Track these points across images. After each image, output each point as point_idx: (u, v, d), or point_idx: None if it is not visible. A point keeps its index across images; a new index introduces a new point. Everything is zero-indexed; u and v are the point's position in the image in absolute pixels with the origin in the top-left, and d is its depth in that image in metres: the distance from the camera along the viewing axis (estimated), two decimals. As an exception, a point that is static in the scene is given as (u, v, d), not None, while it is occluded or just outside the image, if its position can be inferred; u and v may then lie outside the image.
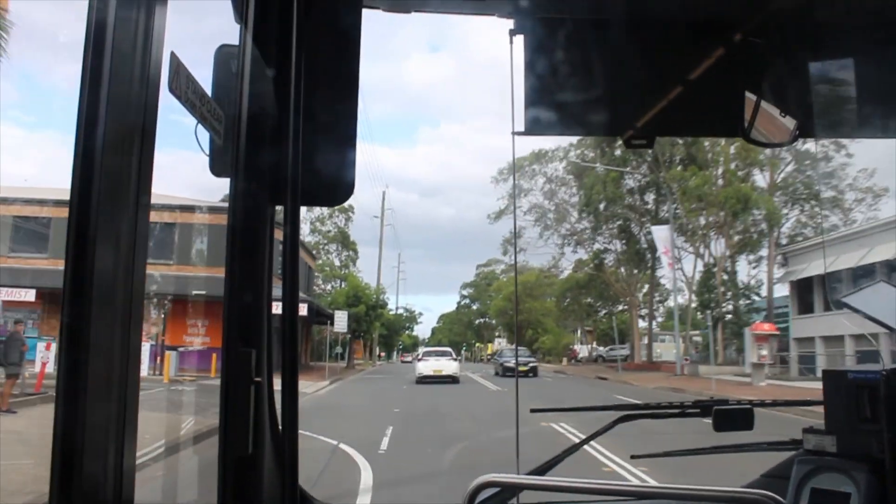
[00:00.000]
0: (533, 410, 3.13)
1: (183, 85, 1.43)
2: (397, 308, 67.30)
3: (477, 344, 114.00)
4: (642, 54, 2.26)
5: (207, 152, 1.89)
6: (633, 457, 2.75)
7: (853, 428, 1.86)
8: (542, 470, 2.34)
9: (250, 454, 1.70)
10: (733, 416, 2.46)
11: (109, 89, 1.14)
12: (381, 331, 67.95)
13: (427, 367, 35.49)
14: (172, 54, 1.36)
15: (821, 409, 2.00)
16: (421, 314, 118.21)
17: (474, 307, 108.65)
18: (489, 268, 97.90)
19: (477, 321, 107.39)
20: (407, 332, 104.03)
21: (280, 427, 1.78)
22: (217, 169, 1.95)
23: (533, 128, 2.18)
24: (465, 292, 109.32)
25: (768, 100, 2.17)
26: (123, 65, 1.17)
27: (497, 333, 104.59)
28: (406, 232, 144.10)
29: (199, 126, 1.63)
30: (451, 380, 34.19)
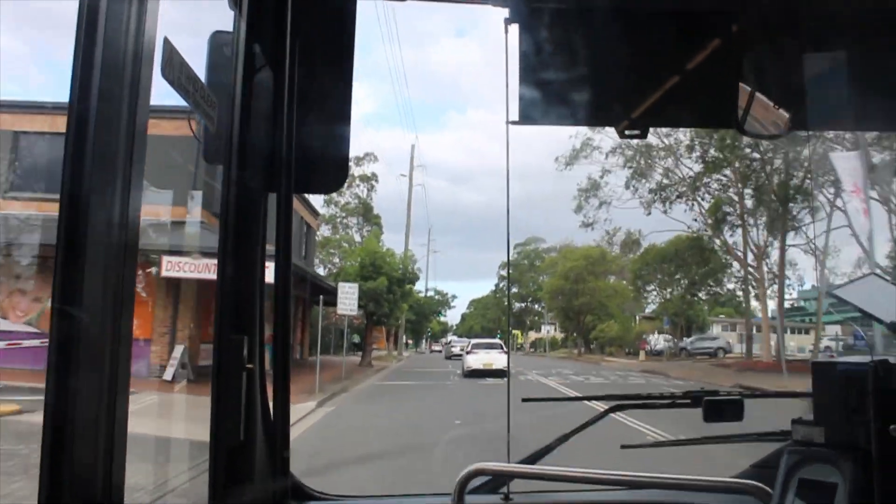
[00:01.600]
0: (524, 400, 3.14)
1: (176, 70, 1.42)
2: (427, 290, 56.82)
3: (514, 332, 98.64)
4: (637, 45, 2.26)
5: (201, 138, 1.89)
6: (623, 447, 2.76)
7: (841, 419, 1.87)
8: (532, 459, 2.35)
9: (242, 441, 1.70)
10: (723, 407, 2.47)
11: (101, 74, 1.13)
12: (408, 315, 56.25)
13: (477, 360, 32.21)
14: (165, 39, 1.35)
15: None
16: (455, 297, 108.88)
17: (513, 290, 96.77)
18: (529, 246, 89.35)
19: (517, 305, 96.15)
20: (439, 316, 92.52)
21: (272, 414, 1.79)
22: (210, 155, 1.95)
23: (527, 117, 2.18)
24: (504, 272, 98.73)
25: (762, 91, 2.18)
26: (115, 50, 1.16)
27: (544, 319, 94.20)
28: (434, 217, 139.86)
29: (193, 112, 1.63)
30: (501, 374, 30.45)
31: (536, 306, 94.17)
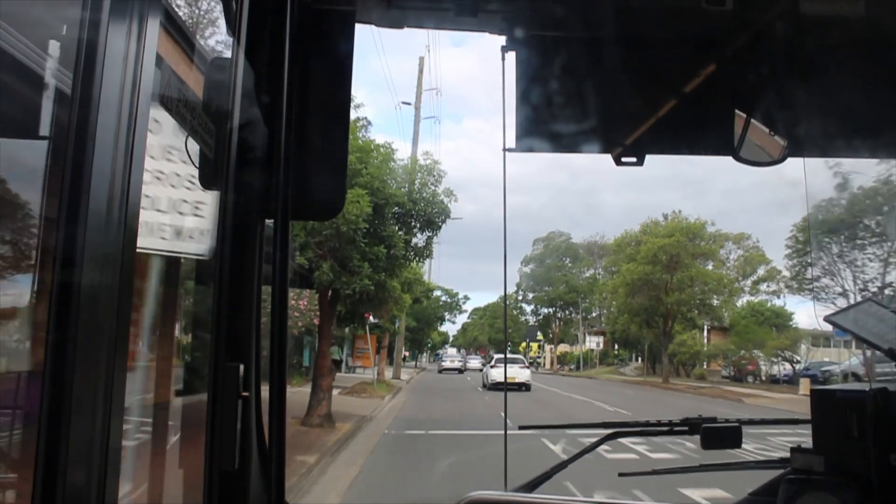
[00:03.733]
0: (521, 427, 3.13)
1: (174, 97, 1.42)
2: (428, 298, 41.09)
3: (523, 345, 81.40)
4: (633, 73, 2.28)
5: (197, 164, 1.89)
6: (620, 474, 2.74)
7: (841, 447, 1.86)
8: (530, 486, 2.33)
9: (237, 469, 1.68)
10: (721, 434, 2.46)
11: (100, 101, 1.14)
12: (408, 320, 46.97)
13: (499, 373, 35.30)
14: (164, 66, 1.36)
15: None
16: (467, 298, 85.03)
17: (523, 296, 78.70)
18: (553, 242, 75.97)
19: (543, 311, 78.43)
20: (448, 321, 77.33)
21: (267, 442, 1.77)
22: (206, 182, 1.95)
23: (523, 144, 2.19)
24: (527, 268, 78.73)
25: (758, 118, 2.19)
26: (114, 77, 1.17)
27: (584, 327, 73.53)
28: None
29: (189, 139, 1.63)
30: (524, 387, 35.22)
31: (569, 313, 76.06)
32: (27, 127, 1.32)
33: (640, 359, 64.17)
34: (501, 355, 41.40)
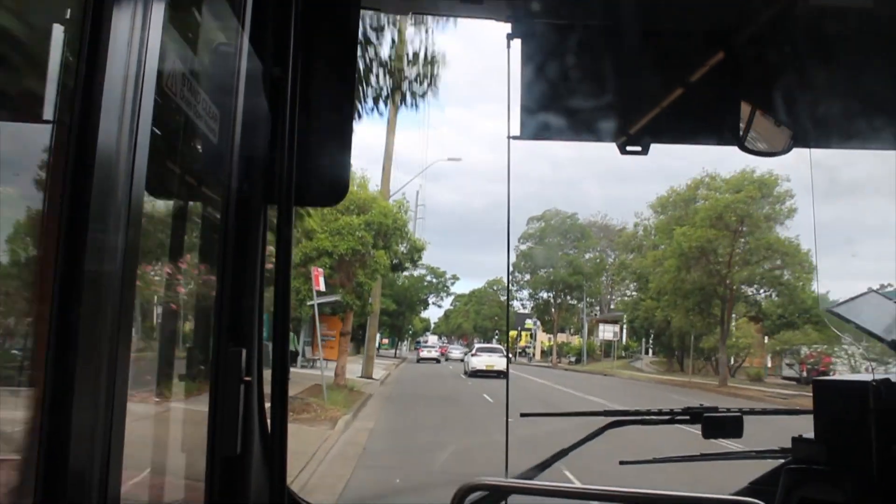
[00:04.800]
0: (523, 415, 3.13)
1: (178, 83, 1.42)
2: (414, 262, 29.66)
3: (513, 333, 73.29)
4: (638, 62, 2.27)
5: (201, 150, 1.89)
6: (621, 462, 2.75)
7: (842, 437, 1.86)
8: (531, 473, 2.33)
9: (238, 454, 1.69)
10: (723, 424, 2.46)
11: (104, 84, 1.13)
12: (385, 302, 41.69)
13: (480, 361, 38.36)
14: (169, 49, 1.35)
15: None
16: (454, 279, 68.66)
17: (520, 278, 67.15)
18: (551, 221, 65.50)
19: (543, 295, 67.14)
20: (434, 304, 68.22)
21: (269, 427, 1.78)
22: (211, 167, 1.95)
23: (528, 132, 2.18)
24: (525, 246, 67.03)
25: (763, 109, 2.18)
26: (119, 63, 1.16)
27: (596, 314, 64.74)
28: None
29: (195, 124, 1.63)
30: (500, 374, 36.14)
31: (571, 298, 65.41)
32: (31, 111, 1.32)
33: (650, 351, 56.97)
34: (482, 345, 47.06)
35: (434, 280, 66.60)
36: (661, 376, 42.62)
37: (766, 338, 39.18)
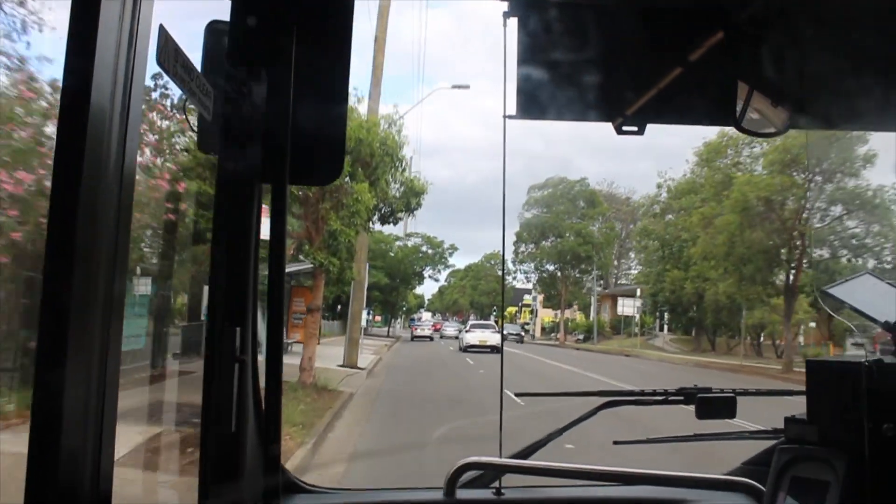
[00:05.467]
0: (518, 395, 3.15)
1: (171, 58, 1.41)
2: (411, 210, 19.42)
3: (512, 309, 72.25)
4: (636, 40, 2.25)
5: (196, 128, 1.88)
6: (615, 443, 2.76)
7: (835, 418, 1.87)
8: (524, 453, 2.35)
9: (233, 432, 1.69)
10: (716, 405, 2.48)
11: (96, 62, 1.12)
12: (377, 276, 39.73)
13: (474, 337, 40.81)
14: (161, 27, 1.34)
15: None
16: (452, 249, 61.29)
17: (524, 248, 62.48)
18: (557, 188, 60.37)
19: (549, 268, 61.90)
20: (430, 277, 61.79)
21: (263, 406, 1.78)
22: (205, 145, 1.94)
23: (524, 111, 2.17)
24: (528, 214, 61.99)
25: (760, 89, 2.17)
26: (110, 38, 1.15)
27: (608, 287, 60.78)
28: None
29: (188, 101, 1.62)
30: (493, 349, 38.12)
31: (577, 273, 60.88)
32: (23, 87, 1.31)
33: (664, 328, 51.65)
34: (476, 321, 50.07)
35: (430, 251, 60.15)
36: (700, 357, 37.04)
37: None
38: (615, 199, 62.32)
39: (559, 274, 62.00)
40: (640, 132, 2.30)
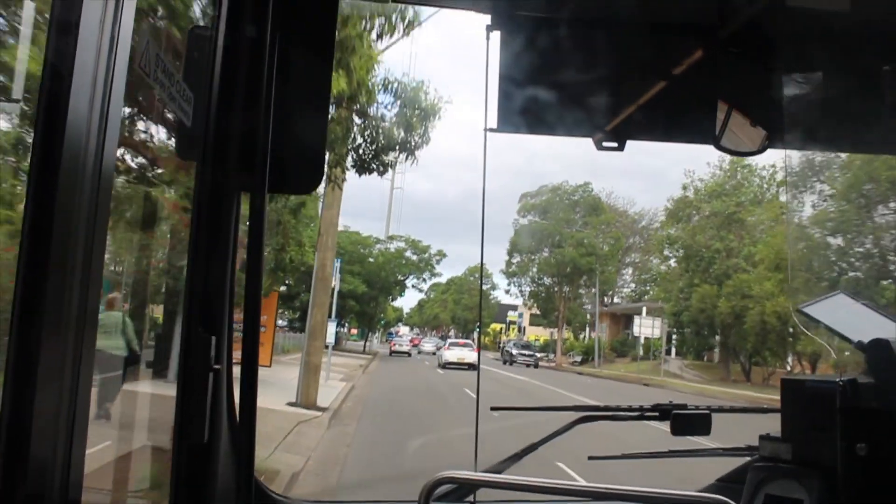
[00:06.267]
0: (493, 409, 3.14)
1: (152, 63, 1.40)
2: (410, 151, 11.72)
3: (495, 326, 69.06)
4: (617, 57, 2.27)
5: (175, 134, 1.87)
6: (590, 458, 2.76)
7: (808, 436, 1.88)
8: (499, 468, 2.34)
9: (206, 443, 1.67)
10: (691, 421, 2.48)
11: (74, 65, 1.11)
12: (354, 283, 36.98)
13: (452, 355, 41.66)
14: (141, 31, 1.33)
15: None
16: (443, 255, 52.75)
17: (517, 259, 57.54)
18: (542, 198, 55.45)
19: (546, 281, 56.18)
20: (415, 287, 54.83)
21: (238, 416, 1.76)
22: (184, 151, 1.93)
23: (505, 125, 2.18)
24: (526, 220, 57.29)
25: (740, 108, 2.19)
26: (90, 42, 1.14)
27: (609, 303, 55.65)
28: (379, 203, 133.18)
29: (167, 106, 1.60)
30: (471, 366, 39.01)
31: (578, 288, 55.66)
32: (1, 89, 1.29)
33: (672, 352, 44.15)
34: (453, 340, 49.26)
35: (415, 256, 51.95)
36: (747, 392, 28.57)
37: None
38: (614, 211, 58.53)
39: (556, 289, 56.36)
40: (621, 148, 2.32)
